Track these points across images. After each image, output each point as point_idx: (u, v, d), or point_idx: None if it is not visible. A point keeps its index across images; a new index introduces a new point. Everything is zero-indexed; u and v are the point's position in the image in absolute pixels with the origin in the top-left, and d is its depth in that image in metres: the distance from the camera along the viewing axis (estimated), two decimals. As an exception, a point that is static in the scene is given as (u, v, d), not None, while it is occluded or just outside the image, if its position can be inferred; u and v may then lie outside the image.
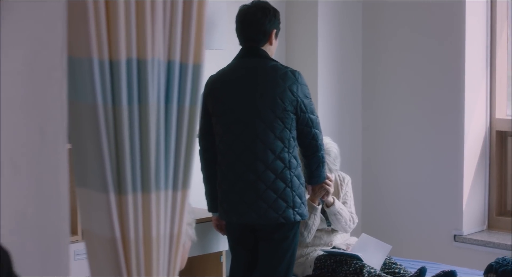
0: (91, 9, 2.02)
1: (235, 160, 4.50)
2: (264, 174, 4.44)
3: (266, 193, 4.45)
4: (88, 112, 2.05)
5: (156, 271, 2.18)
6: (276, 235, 4.55)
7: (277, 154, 4.44)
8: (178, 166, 2.22)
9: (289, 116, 4.47)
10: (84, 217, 2.16)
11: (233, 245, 4.77)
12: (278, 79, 4.47)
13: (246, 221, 4.52)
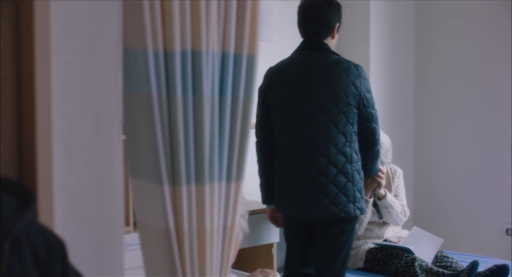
0: (146, 0, 2.01)
1: (296, 154, 4.47)
2: (326, 168, 4.41)
3: (327, 187, 4.42)
4: (142, 103, 2.04)
5: (210, 262, 2.17)
6: (335, 229, 4.52)
7: (339, 148, 4.41)
8: (232, 158, 2.21)
9: (352, 110, 4.43)
10: (138, 208, 2.16)
11: (289, 238, 4.75)
12: (341, 73, 4.43)
13: (306, 215, 4.49)
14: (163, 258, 2.13)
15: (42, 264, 1.64)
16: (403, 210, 5.34)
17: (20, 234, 1.62)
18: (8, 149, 1.88)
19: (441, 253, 5.25)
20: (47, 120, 1.87)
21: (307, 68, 4.50)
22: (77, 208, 1.97)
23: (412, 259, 4.98)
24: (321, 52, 4.52)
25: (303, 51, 4.58)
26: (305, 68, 4.51)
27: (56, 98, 1.91)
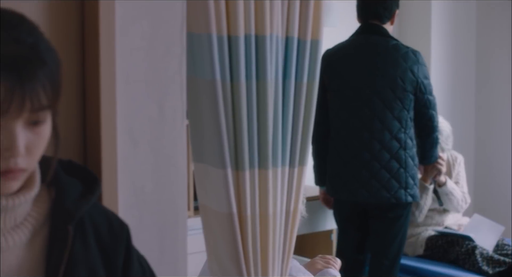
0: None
1: (350, 138, 4.43)
2: (379, 153, 4.36)
3: (380, 172, 4.38)
4: (206, 88, 2.02)
5: (272, 247, 2.15)
6: (389, 215, 4.48)
7: (394, 134, 4.36)
8: (295, 143, 2.18)
9: (408, 96, 4.37)
10: (201, 193, 2.14)
11: (341, 222, 4.72)
12: (399, 58, 4.37)
13: (357, 199, 4.46)
14: (226, 243, 2.11)
15: (106, 247, 1.63)
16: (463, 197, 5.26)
17: (84, 218, 1.61)
18: (72, 133, 1.88)
19: (502, 241, 5.17)
20: (111, 105, 1.86)
21: (364, 52, 4.46)
22: (140, 192, 1.96)
23: (473, 247, 4.91)
24: (379, 36, 4.47)
25: (361, 35, 4.53)
26: (363, 52, 4.46)
27: (121, 83, 1.89)
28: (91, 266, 1.58)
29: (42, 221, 1.56)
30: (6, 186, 1.45)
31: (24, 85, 1.38)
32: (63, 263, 1.52)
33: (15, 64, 1.38)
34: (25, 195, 1.51)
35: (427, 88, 4.43)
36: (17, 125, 1.41)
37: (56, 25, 1.82)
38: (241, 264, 2.11)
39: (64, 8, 1.86)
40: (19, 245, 1.52)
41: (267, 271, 2.15)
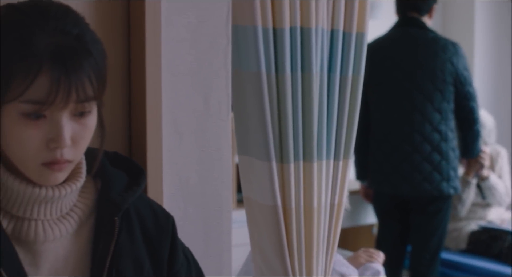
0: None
1: (391, 131, 4.41)
2: (420, 145, 4.33)
3: (421, 165, 4.34)
4: (251, 80, 1.99)
5: (316, 240, 2.12)
6: (430, 208, 4.45)
7: (435, 126, 4.32)
8: (340, 136, 2.15)
9: (448, 88, 4.33)
10: (245, 185, 2.12)
11: (381, 215, 4.70)
12: (438, 50, 4.34)
13: (399, 192, 4.44)
14: (270, 236, 2.08)
15: (151, 239, 1.62)
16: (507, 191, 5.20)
17: (130, 209, 1.59)
18: (118, 125, 1.86)
19: (546, 236, 5.10)
20: (157, 97, 1.84)
21: (403, 45, 4.43)
22: (185, 184, 1.95)
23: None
24: (418, 29, 4.44)
25: (400, 28, 4.51)
26: (402, 45, 4.43)
27: (166, 75, 1.87)
28: (137, 258, 1.57)
29: (88, 212, 1.55)
30: (51, 177, 1.44)
31: (70, 76, 1.37)
32: (109, 254, 1.52)
33: (61, 55, 1.37)
34: (70, 185, 1.50)
35: (467, 80, 4.39)
36: (63, 116, 1.40)
37: (102, 17, 1.81)
38: (285, 257, 2.08)
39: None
40: (66, 235, 1.51)
41: (311, 264, 2.13)
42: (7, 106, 1.38)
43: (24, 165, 1.44)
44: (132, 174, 1.64)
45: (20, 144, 1.41)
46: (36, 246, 1.48)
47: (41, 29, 1.38)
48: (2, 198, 1.47)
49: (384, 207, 4.64)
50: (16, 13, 1.42)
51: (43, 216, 1.49)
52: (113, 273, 1.52)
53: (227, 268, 2.02)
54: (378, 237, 4.75)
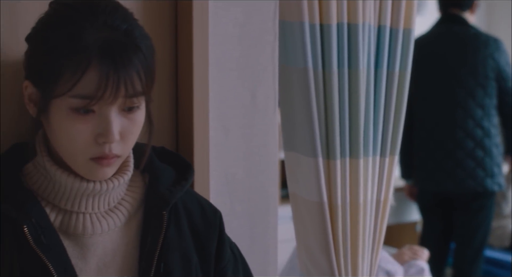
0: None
1: (434, 127, 4.38)
2: (463, 141, 4.29)
3: (465, 161, 4.30)
4: (298, 76, 1.98)
5: (362, 237, 2.10)
6: (473, 205, 4.40)
7: (477, 122, 4.28)
8: (386, 132, 2.12)
9: (490, 84, 4.29)
10: (291, 181, 2.10)
11: (425, 212, 4.67)
12: (480, 46, 4.29)
13: (442, 189, 4.40)
14: (316, 232, 2.07)
15: (199, 234, 1.61)
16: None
17: (177, 204, 1.59)
18: (165, 120, 1.86)
19: None
20: (204, 92, 1.83)
21: (445, 41, 4.39)
22: (232, 180, 1.93)
23: (562, 240, 4.80)
24: (460, 25, 4.41)
25: (442, 24, 4.48)
26: (444, 41, 4.40)
27: (213, 70, 1.86)
28: (184, 252, 1.56)
29: (136, 206, 1.55)
30: (100, 172, 1.44)
31: (119, 71, 1.36)
32: (157, 248, 1.51)
33: (110, 50, 1.37)
34: (118, 179, 1.50)
35: (509, 75, 4.34)
36: (112, 111, 1.40)
37: (150, 14, 1.80)
38: (330, 253, 2.06)
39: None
40: (114, 229, 1.51)
41: (356, 261, 2.11)
42: (57, 100, 1.39)
43: (73, 159, 1.44)
44: (180, 169, 1.63)
45: (69, 139, 1.41)
46: (84, 239, 1.48)
47: (91, 25, 1.37)
48: (50, 192, 1.48)
49: (427, 205, 4.61)
50: (66, 9, 1.42)
51: (91, 209, 1.49)
52: (161, 267, 1.51)
53: (273, 264, 2.01)
54: (422, 235, 4.72)
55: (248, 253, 1.80)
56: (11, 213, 1.41)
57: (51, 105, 1.40)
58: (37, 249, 1.41)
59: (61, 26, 1.39)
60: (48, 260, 1.41)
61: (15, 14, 1.62)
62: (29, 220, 1.41)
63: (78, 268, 1.46)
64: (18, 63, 1.55)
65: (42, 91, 1.41)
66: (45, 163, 1.47)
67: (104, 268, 1.50)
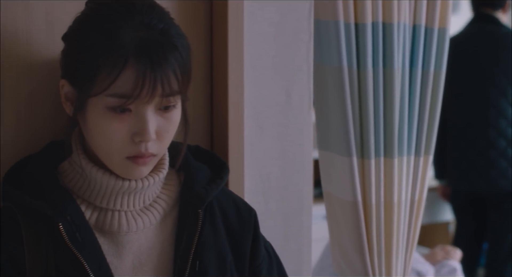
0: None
1: (466, 127, 4.35)
2: (496, 141, 4.26)
3: (497, 160, 4.27)
4: (333, 75, 1.96)
5: (396, 236, 2.08)
6: (506, 205, 4.36)
7: (510, 121, 4.25)
8: (421, 132, 2.10)
9: None
10: (326, 180, 2.09)
11: (458, 213, 4.64)
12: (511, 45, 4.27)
13: (475, 189, 4.37)
14: (350, 231, 2.05)
15: (234, 232, 1.60)
16: None
17: (213, 203, 1.58)
18: (200, 119, 1.85)
19: None
20: (239, 91, 1.82)
21: (478, 41, 4.37)
22: (266, 178, 1.92)
23: None
24: (492, 25, 4.38)
25: (474, 24, 4.46)
26: (476, 41, 4.37)
27: (248, 69, 1.85)
28: (220, 250, 1.56)
29: (171, 204, 1.55)
30: (136, 171, 1.44)
31: (155, 69, 1.36)
32: (193, 246, 1.50)
33: (147, 49, 1.36)
34: (153, 176, 1.50)
35: None
36: (148, 110, 1.39)
37: (185, 11, 1.80)
38: (364, 253, 2.05)
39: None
40: (149, 227, 1.51)
41: (390, 260, 2.09)
42: (93, 99, 1.38)
43: (109, 158, 1.44)
44: (215, 167, 1.62)
45: (105, 138, 1.40)
46: (119, 237, 1.48)
47: (127, 24, 1.37)
48: (86, 190, 1.48)
49: (460, 204, 4.58)
50: (103, 8, 1.42)
51: (127, 207, 1.49)
52: (197, 265, 1.50)
53: (307, 263, 2.00)
54: (455, 235, 4.69)
55: (282, 252, 1.78)
56: (47, 211, 1.41)
57: (88, 104, 1.40)
58: (72, 247, 1.41)
59: (98, 25, 1.39)
60: (83, 257, 1.41)
61: (52, 13, 1.62)
62: (64, 218, 1.41)
63: (113, 266, 1.46)
64: (54, 61, 1.55)
65: (79, 90, 1.41)
66: (81, 161, 1.47)
67: (139, 266, 1.49)
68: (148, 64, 1.35)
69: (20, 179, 1.47)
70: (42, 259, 1.40)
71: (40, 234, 1.41)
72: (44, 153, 1.52)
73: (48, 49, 1.61)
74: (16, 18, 1.58)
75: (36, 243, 1.41)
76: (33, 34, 1.60)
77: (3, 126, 1.59)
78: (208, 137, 1.86)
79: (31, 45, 1.60)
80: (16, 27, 1.58)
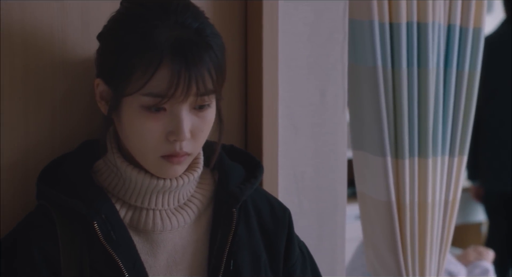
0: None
1: (499, 127, 4.33)
2: None
3: None
4: (367, 75, 1.95)
5: (430, 237, 2.06)
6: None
7: None
8: (455, 132, 2.08)
9: None
10: (359, 180, 2.08)
11: (491, 214, 4.63)
12: None
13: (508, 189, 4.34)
14: (383, 231, 2.04)
15: (268, 231, 1.58)
16: None
17: (247, 202, 1.56)
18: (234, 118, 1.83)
19: None
20: (273, 90, 1.80)
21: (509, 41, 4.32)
22: (300, 178, 1.91)
23: None
24: None
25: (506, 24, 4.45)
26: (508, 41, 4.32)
27: (283, 68, 1.84)
28: (254, 249, 1.54)
29: (206, 203, 1.53)
30: (170, 170, 1.43)
31: (190, 69, 1.35)
32: (227, 245, 1.49)
33: (182, 48, 1.35)
34: (188, 176, 1.48)
35: None
36: (183, 109, 1.38)
37: (220, 11, 1.78)
38: (398, 253, 2.03)
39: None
40: (184, 226, 1.50)
41: (424, 261, 2.07)
42: (128, 98, 1.37)
43: (144, 157, 1.42)
44: (249, 167, 1.61)
45: (140, 137, 1.39)
46: (154, 235, 1.47)
47: (162, 23, 1.36)
48: (121, 188, 1.47)
49: (493, 205, 4.56)
50: (138, 7, 1.41)
51: (161, 206, 1.48)
52: (231, 264, 1.49)
53: (340, 263, 1.98)
54: (487, 236, 4.67)
55: (316, 252, 1.77)
56: (82, 209, 1.40)
57: (123, 103, 1.39)
58: (107, 245, 1.40)
59: (133, 25, 1.38)
60: (118, 256, 1.40)
61: (87, 12, 1.61)
62: (99, 216, 1.41)
63: (148, 265, 1.45)
64: (89, 61, 1.54)
65: (114, 89, 1.40)
66: (116, 160, 1.46)
67: (174, 265, 1.48)
68: (183, 63, 1.34)
69: (55, 177, 1.47)
70: (77, 258, 1.40)
71: (75, 233, 1.41)
72: (79, 152, 1.51)
73: (83, 48, 1.60)
74: (52, 18, 1.58)
75: (71, 241, 1.40)
76: (68, 33, 1.59)
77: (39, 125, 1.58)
78: (242, 137, 1.85)
79: (66, 44, 1.59)
80: (52, 27, 1.58)
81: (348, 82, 1.97)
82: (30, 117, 1.57)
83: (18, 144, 1.57)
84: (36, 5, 1.55)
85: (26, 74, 1.56)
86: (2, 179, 1.55)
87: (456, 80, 2.08)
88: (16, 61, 1.55)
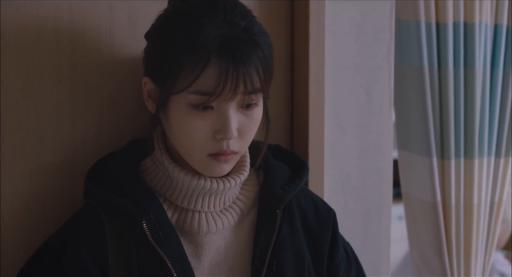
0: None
1: None
2: None
3: None
4: (413, 75, 1.90)
5: (476, 238, 2.00)
6: None
7: None
8: (502, 133, 2.03)
9: None
10: (405, 181, 2.02)
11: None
12: None
13: None
14: (428, 231, 1.98)
15: (312, 232, 1.52)
16: None
17: (291, 202, 1.50)
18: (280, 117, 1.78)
19: None
20: (319, 90, 1.75)
21: None
22: (346, 178, 1.85)
23: None
24: None
25: None
26: None
27: (329, 68, 1.78)
28: (297, 250, 1.48)
29: (250, 205, 1.49)
30: (217, 169, 1.38)
31: (238, 67, 1.29)
32: (270, 246, 1.44)
33: (229, 46, 1.30)
34: (235, 179, 1.43)
35: None
36: (230, 108, 1.33)
37: (267, 10, 1.73)
38: (443, 254, 1.97)
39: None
40: (227, 227, 1.45)
41: (469, 262, 2.01)
42: (176, 97, 1.33)
43: (191, 155, 1.38)
44: (294, 167, 1.55)
45: (187, 135, 1.34)
46: (199, 237, 1.42)
47: (210, 21, 1.31)
48: (168, 189, 1.42)
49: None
50: (185, 6, 1.36)
51: (207, 208, 1.43)
52: (274, 265, 1.43)
53: (385, 264, 1.92)
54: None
55: (360, 252, 1.71)
56: (130, 208, 1.36)
57: (170, 101, 1.34)
58: (155, 245, 1.36)
59: (181, 23, 1.33)
60: (166, 255, 1.36)
61: (134, 12, 1.58)
62: (148, 216, 1.36)
63: (192, 266, 1.40)
64: (136, 59, 1.51)
65: (161, 87, 1.35)
66: (164, 161, 1.41)
67: (217, 267, 1.44)
68: (231, 62, 1.29)
69: (103, 176, 1.42)
70: (125, 257, 1.35)
71: (123, 232, 1.36)
72: (126, 151, 1.47)
73: (130, 47, 1.56)
74: (99, 18, 1.54)
75: (119, 240, 1.36)
76: (115, 33, 1.56)
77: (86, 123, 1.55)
78: (288, 136, 1.80)
79: (113, 43, 1.56)
80: (99, 26, 1.54)
81: (394, 82, 1.91)
82: (78, 116, 1.53)
83: (65, 143, 1.53)
84: (84, 5, 1.52)
85: (73, 73, 1.52)
86: (49, 177, 1.51)
87: (503, 80, 2.02)
88: (64, 61, 1.51)
